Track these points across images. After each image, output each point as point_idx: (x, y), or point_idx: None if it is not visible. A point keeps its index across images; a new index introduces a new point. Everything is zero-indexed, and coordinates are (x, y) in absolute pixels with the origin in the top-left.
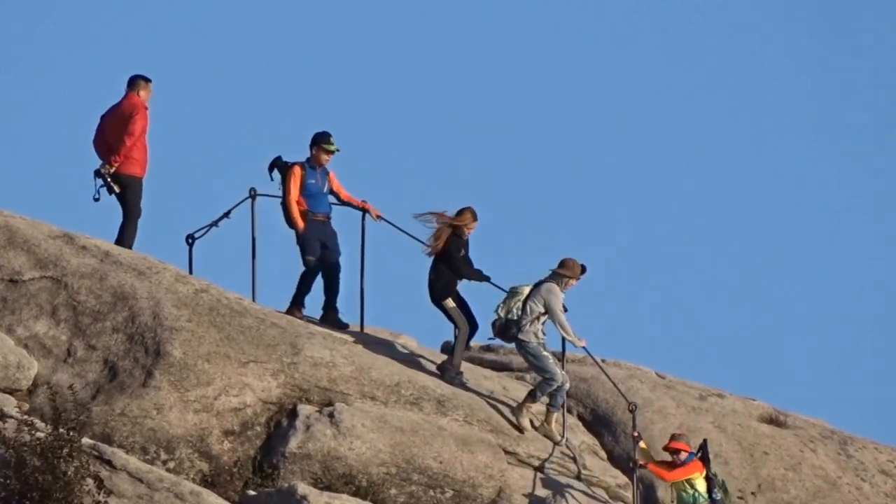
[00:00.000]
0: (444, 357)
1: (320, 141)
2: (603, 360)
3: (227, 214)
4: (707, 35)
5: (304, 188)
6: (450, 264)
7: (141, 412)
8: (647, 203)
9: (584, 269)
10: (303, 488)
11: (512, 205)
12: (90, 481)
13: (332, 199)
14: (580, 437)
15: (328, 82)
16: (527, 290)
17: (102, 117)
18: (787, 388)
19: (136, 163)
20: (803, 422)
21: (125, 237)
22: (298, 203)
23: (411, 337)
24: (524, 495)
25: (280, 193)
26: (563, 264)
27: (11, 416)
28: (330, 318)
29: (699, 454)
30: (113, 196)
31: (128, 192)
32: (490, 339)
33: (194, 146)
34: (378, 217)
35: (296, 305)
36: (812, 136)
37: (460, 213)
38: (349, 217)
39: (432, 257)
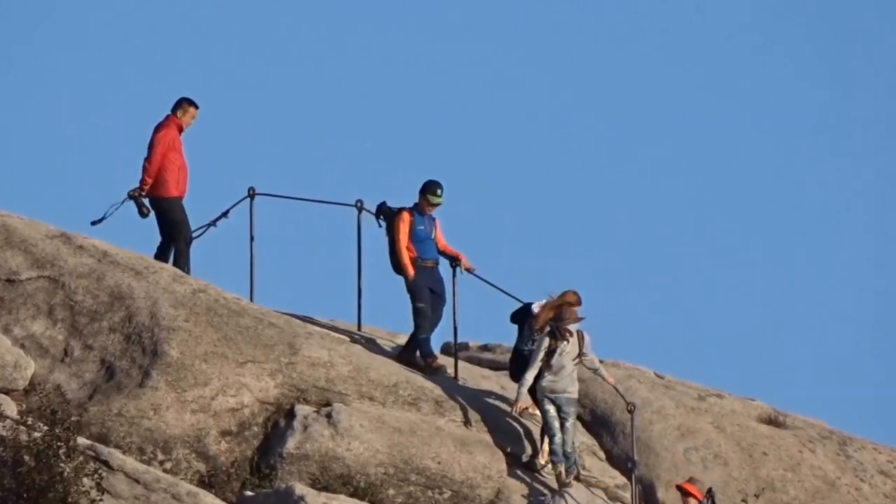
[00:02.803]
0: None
1: (427, 191)
2: (601, 360)
3: (225, 214)
4: (707, 35)
5: (412, 234)
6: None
7: (138, 412)
8: (647, 203)
9: (570, 302)
10: (300, 489)
11: (511, 205)
12: (87, 481)
13: None
14: (579, 438)
15: (328, 82)
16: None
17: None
18: (786, 388)
19: (168, 183)
20: (802, 422)
21: (179, 262)
22: (408, 249)
23: None
24: (523, 496)
25: (387, 239)
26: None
27: (8, 416)
28: (411, 347)
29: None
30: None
31: (168, 215)
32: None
33: (193, 145)
34: (467, 269)
35: (427, 356)
36: (812, 136)
37: (563, 295)
38: (345, 216)
39: (524, 330)
